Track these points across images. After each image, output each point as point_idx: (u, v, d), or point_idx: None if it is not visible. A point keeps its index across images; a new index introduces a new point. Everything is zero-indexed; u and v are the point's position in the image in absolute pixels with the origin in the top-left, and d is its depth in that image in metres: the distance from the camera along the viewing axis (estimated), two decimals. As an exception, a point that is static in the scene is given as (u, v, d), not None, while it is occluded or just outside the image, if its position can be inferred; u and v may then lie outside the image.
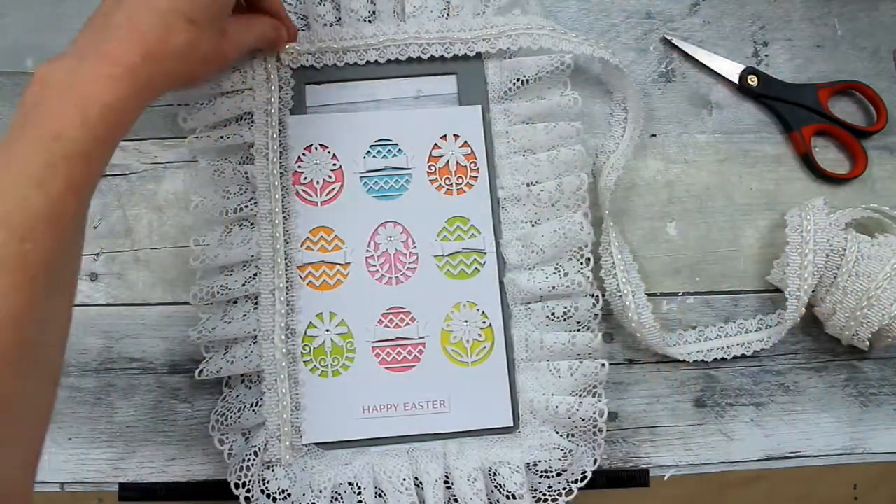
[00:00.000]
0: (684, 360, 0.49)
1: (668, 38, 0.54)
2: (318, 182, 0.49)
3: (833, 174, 0.52)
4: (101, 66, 0.35)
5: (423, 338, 0.48)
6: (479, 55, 0.50)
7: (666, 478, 0.49)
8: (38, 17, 0.52)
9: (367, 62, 0.50)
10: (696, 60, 0.53)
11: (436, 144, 0.50)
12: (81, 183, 0.33)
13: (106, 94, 0.34)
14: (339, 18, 0.50)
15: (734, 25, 0.54)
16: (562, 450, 0.45)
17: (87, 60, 0.35)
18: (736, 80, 0.53)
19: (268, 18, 0.46)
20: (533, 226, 0.48)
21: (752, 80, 0.53)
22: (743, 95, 0.54)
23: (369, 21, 0.50)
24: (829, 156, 0.53)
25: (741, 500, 0.49)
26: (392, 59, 0.50)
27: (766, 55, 0.54)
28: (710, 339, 0.49)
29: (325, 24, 0.50)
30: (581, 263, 0.47)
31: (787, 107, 0.53)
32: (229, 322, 0.46)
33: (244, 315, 0.46)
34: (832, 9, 0.55)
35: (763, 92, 0.53)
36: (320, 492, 0.44)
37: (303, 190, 0.49)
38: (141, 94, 0.36)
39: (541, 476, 0.45)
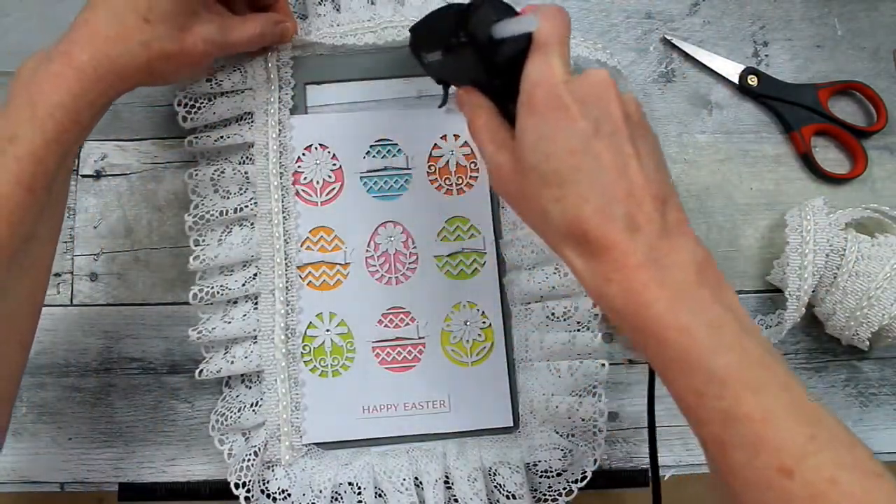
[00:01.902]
0: (684, 360, 0.49)
1: (668, 38, 0.54)
2: (318, 182, 0.49)
3: (833, 174, 0.52)
4: (53, 65, 0.36)
5: (423, 338, 0.48)
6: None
7: (666, 478, 0.49)
8: (38, 17, 0.52)
9: (366, 43, 0.49)
10: (696, 60, 0.53)
11: (436, 144, 0.50)
12: (33, 180, 0.35)
13: (54, 93, 0.35)
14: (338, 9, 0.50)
15: (734, 25, 0.54)
16: (562, 450, 0.45)
17: (47, 60, 0.36)
18: (736, 80, 0.53)
19: (265, 15, 0.46)
20: (533, 226, 0.48)
21: (752, 80, 0.53)
22: (743, 95, 0.54)
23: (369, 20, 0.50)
24: (829, 156, 0.53)
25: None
26: (389, 40, 0.49)
27: (766, 55, 0.54)
28: (711, 339, 0.49)
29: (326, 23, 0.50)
30: (581, 263, 0.47)
31: (787, 107, 0.53)
32: (229, 322, 0.46)
33: (244, 315, 0.46)
34: (832, 9, 0.55)
35: (763, 92, 0.53)
36: (320, 492, 0.44)
37: (303, 190, 0.49)
38: (92, 93, 0.37)
39: (541, 476, 0.45)
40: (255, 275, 0.47)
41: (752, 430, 0.28)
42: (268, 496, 0.44)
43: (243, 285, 0.46)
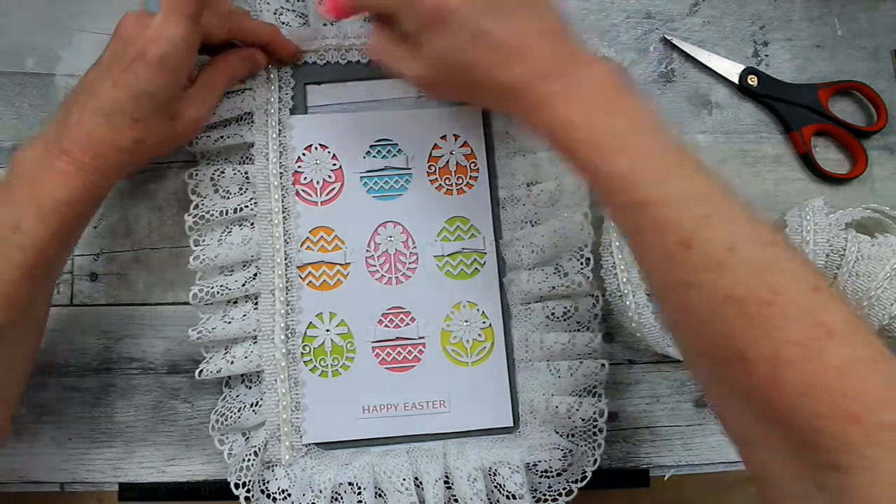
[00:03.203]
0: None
1: (668, 38, 0.54)
2: (318, 182, 0.49)
3: (833, 174, 0.52)
4: (58, 163, 0.38)
5: (423, 338, 0.48)
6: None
7: (666, 478, 0.49)
8: (38, 17, 0.52)
9: (370, 60, 0.50)
10: (696, 60, 0.53)
11: (436, 144, 0.50)
12: (35, 270, 0.37)
13: (59, 191, 0.38)
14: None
15: (734, 25, 0.54)
16: (562, 450, 0.45)
17: (49, 155, 0.38)
18: (736, 80, 0.53)
19: (231, 56, 0.46)
20: (533, 226, 0.48)
21: (752, 80, 0.53)
22: (743, 95, 0.54)
23: (369, 21, 0.50)
24: (829, 156, 0.53)
25: (741, 500, 0.49)
26: None
27: (766, 55, 0.54)
28: (711, 339, 0.49)
29: (326, 24, 0.50)
30: (581, 263, 0.47)
31: (787, 107, 0.53)
32: (229, 322, 0.46)
33: (244, 315, 0.46)
34: (832, 9, 0.55)
35: (763, 92, 0.53)
36: (320, 492, 0.44)
37: (303, 190, 0.49)
38: (93, 188, 0.39)
39: (541, 476, 0.45)
40: (255, 275, 0.47)
41: (655, 214, 0.33)
42: (268, 496, 0.44)
43: (243, 285, 0.46)
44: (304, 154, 0.49)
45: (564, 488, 0.45)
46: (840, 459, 0.27)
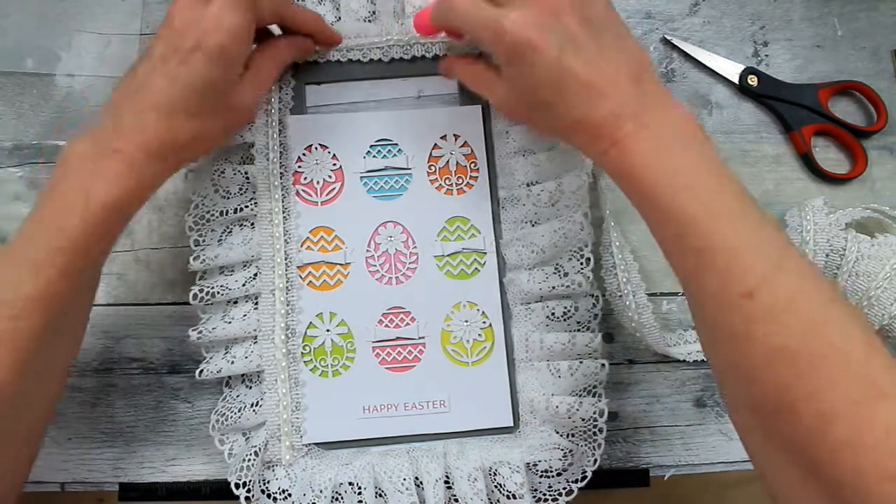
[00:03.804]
0: (684, 360, 0.49)
1: (668, 38, 0.54)
2: (318, 182, 0.49)
3: (833, 174, 0.52)
4: (109, 162, 0.36)
5: (423, 338, 0.48)
6: (480, 55, 0.50)
7: (666, 478, 0.49)
8: (38, 17, 0.52)
9: (371, 60, 0.50)
10: (696, 60, 0.53)
11: (436, 144, 0.50)
12: (76, 272, 0.36)
13: (108, 193, 0.36)
14: (339, 18, 0.50)
15: (734, 25, 0.54)
16: (562, 449, 0.45)
17: (100, 154, 0.37)
18: (736, 80, 0.53)
19: (281, 42, 0.46)
20: (533, 226, 0.48)
21: (752, 80, 0.53)
22: (743, 95, 0.54)
23: (370, 21, 0.50)
24: (829, 156, 0.53)
25: (741, 500, 0.49)
26: (395, 57, 0.50)
27: (766, 55, 0.54)
28: (711, 339, 0.49)
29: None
30: (581, 263, 0.47)
31: (787, 107, 0.53)
32: (229, 322, 0.46)
33: (244, 315, 0.46)
34: (832, 9, 0.55)
35: (763, 92, 0.53)
36: (321, 492, 0.44)
37: (303, 190, 0.49)
38: (143, 189, 0.38)
39: (541, 476, 0.45)
40: (256, 275, 0.47)
41: (723, 260, 0.32)
42: (268, 496, 0.44)
43: (243, 285, 0.46)
44: (304, 154, 0.49)
45: (564, 488, 0.45)
46: None
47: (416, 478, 0.44)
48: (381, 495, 0.44)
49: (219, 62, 0.38)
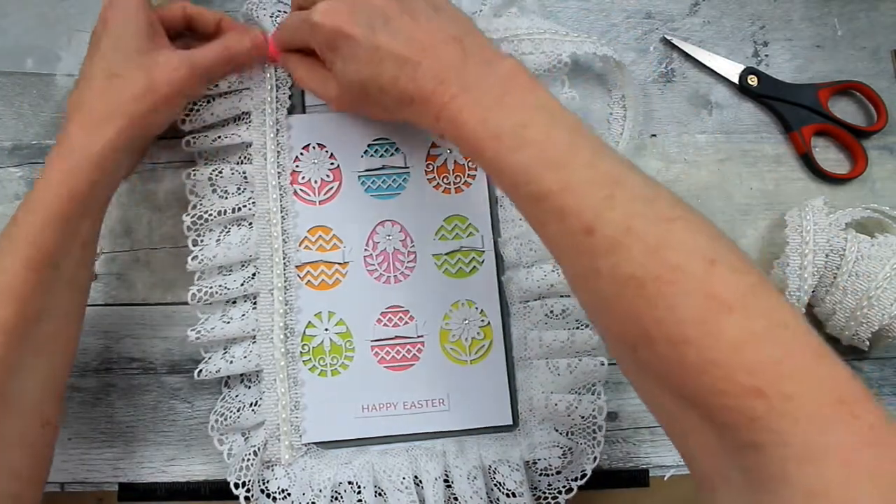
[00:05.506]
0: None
1: (668, 38, 0.54)
2: (316, 181, 0.49)
3: (833, 174, 0.52)
4: (59, 149, 0.39)
5: (421, 336, 0.48)
6: None
7: (666, 478, 0.49)
8: (38, 17, 0.52)
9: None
10: (696, 60, 0.53)
11: (433, 143, 0.50)
12: (37, 261, 0.37)
13: (53, 174, 0.38)
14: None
15: (734, 25, 0.54)
16: (561, 448, 0.45)
17: (55, 149, 0.39)
18: (736, 80, 0.53)
19: (227, 34, 0.46)
20: (532, 225, 0.48)
21: (752, 80, 0.53)
22: (743, 95, 0.54)
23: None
24: (829, 156, 0.53)
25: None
26: None
27: (766, 55, 0.54)
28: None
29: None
30: (580, 263, 0.47)
31: (787, 107, 0.53)
32: (228, 322, 0.46)
33: (243, 315, 0.46)
34: (832, 9, 0.55)
35: (763, 92, 0.53)
36: (320, 491, 0.44)
37: (301, 189, 0.49)
38: (93, 172, 0.39)
39: (540, 474, 0.45)
40: (254, 274, 0.47)
41: (556, 203, 0.32)
42: (268, 496, 0.44)
43: (242, 285, 0.46)
44: (301, 153, 0.49)
45: (564, 486, 0.45)
46: (753, 437, 0.27)
47: (416, 476, 0.44)
48: (380, 494, 0.44)
49: (113, 17, 0.41)
